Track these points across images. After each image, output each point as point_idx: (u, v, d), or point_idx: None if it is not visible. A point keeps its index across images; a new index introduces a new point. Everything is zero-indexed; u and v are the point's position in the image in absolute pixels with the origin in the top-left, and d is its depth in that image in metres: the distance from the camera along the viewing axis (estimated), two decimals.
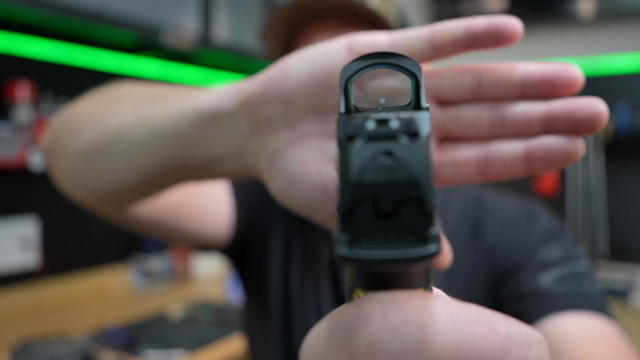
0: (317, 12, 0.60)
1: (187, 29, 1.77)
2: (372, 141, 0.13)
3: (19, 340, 1.41)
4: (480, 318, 0.14)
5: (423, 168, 0.13)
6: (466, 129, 0.26)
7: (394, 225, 0.13)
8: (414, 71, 0.16)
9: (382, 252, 0.13)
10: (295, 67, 0.27)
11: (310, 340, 0.15)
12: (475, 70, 0.25)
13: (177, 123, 0.34)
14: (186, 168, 0.35)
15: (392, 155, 0.13)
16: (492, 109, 0.25)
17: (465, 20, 0.25)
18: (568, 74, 0.24)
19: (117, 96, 0.43)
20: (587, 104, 0.23)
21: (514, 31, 0.24)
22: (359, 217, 0.13)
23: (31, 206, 1.68)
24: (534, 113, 0.25)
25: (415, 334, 0.13)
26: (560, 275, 0.54)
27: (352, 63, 0.16)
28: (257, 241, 0.69)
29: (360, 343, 0.13)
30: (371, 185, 0.13)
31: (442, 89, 0.26)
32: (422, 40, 0.25)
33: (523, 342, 0.14)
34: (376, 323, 0.13)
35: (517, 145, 0.25)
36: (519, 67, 0.25)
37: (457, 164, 0.26)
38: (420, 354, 0.13)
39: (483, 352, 0.13)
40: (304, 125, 0.28)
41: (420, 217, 0.13)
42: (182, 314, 1.62)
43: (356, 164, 0.13)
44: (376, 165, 0.13)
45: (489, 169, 0.25)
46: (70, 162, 0.43)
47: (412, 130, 0.13)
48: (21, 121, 1.55)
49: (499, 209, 0.64)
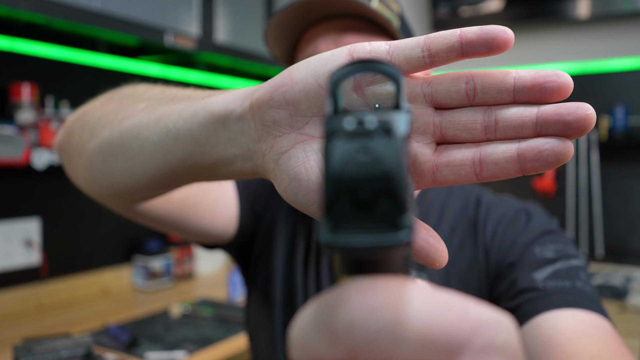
0: (320, 16, 0.62)
1: (189, 32, 1.79)
2: (352, 139, 0.15)
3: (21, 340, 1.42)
4: (453, 303, 0.15)
5: (396, 163, 0.15)
6: (461, 132, 0.27)
7: (370, 216, 0.15)
8: (395, 76, 0.17)
9: (359, 239, 0.14)
10: (300, 73, 0.29)
11: (297, 322, 0.16)
12: (469, 76, 0.27)
13: (190, 124, 0.35)
14: (197, 167, 0.36)
15: (369, 152, 0.15)
16: (486, 113, 0.27)
17: (459, 29, 0.26)
18: (558, 80, 0.25)
19: (132, 96, 0.45)
20: (576, 107, 0.25)
21: (506, 39, 0.25)
22: (339, 208, 0.15)
23: (34, 206, 1.70)
24: (525, 116, 0.26)
25: (390, 315, 0.14)
26: (555, 272, 0.55)
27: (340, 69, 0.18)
28: (261, 236, 0.71)
29: (341, 323, 0.14)
30: (350, 179, 0.15)
31: (439, 94, 0.27)
32: (419, 48, 0.27)
33: (492, 325, 0.15)
34: (355, 305, 0.14)
35: (509, 147, 0.26)
36: (512, 73, 0.26)
37: (453, 166, 0.27)
38: (394, 333, 0.14)
39: (454, 334, 0.14)
40: (308, 128, 0.30)
41: (394, 208, 0.15)
42: (184, 313, 1.64)
43: (337, 159, 0.15)
44: (355, 160, 0.15)
45: (483, 170, 0.27)
46: (86, 159, 0.45)
47: (388, 128, 0.15)
48: (24, 122, 1.57)
49: (496, 208, 0.65)
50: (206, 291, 1.94)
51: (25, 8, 1.32)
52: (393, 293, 0.15)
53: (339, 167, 0.15)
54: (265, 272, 0.70)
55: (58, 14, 1.39)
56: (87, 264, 1.85)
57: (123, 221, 1.98)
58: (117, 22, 1.54)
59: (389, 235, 0.14)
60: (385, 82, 0.28)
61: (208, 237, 0.65)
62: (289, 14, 0.61)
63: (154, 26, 1.65)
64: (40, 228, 1.71)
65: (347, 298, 0.15)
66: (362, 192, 0.15)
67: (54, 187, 1.75)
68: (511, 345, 0.15)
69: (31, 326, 1.54)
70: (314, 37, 0.62)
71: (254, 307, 0.72)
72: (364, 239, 0.14)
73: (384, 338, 0.14)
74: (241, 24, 2.02)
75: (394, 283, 0.15)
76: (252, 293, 0.73)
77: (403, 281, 0.15)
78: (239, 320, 1.57)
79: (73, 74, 1.81)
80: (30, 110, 1.58)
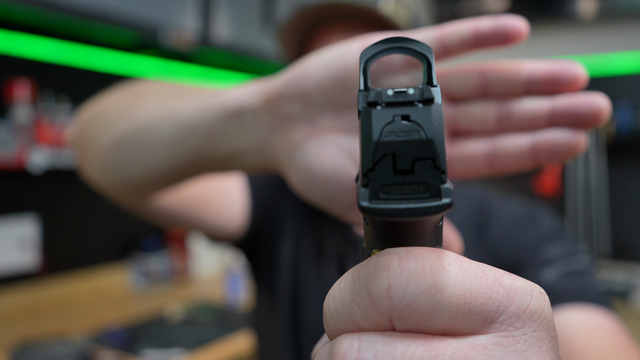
0: (331, 16, 0.63)
1: (187, 28, 1.77)
2: (391, 107, 0.15)
3: (18, 341, 1.41)
4: (487, 271, 0.15)
5: (436, 130, 0.15)
6: (475, 125, 0.28)
7: (410, 181, 0.15)
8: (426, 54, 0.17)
9: (400, 204, 0.14)
10: (314, 67, 0.29)
11: (333, 292, 0.16)
12: (482, 69, 0.27)
13: (204, 119, 0.36)
14: (211, 160, 0.37)
15: (409, 119, 0.15)
16: (499, 105, 0.27)
17: (473, 21, 0.26)
18: (571, 72, 0.25)
19: (144, 91, 0.46)
20: (589, 99, 0.25)
21: (520, 31, 0.25)
22: (379, 173, 0.15)
23: (30, 206, 1.68)
24: (538, 109, 0.26)
25: (428, 280, 0.14)
26: (562, 271, 0.56)
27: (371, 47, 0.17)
28: (269, 232, 0.72)
29: (379, 288, 0.15)
30: (390, 144, 0.15)
31: (452, 86, 0.28)
32: (432, 40, 0.27)
33: (524, 292, 0.15)
34: (394, 270, 0.15)
35: (523, 140, 0.26)
36: (524, 66, 0.26)
37: (467, 158, 0.28)
38: (432, 297, 0.14)
39: (490, 299, 0.15)
40: (321, 121, 0.30)
41: (434, 174, 0.15)
42: (181, 314, 1.62)
43: (377, 126, 0.15)
44: (394, 127, 0.15)
45: (496, 162, 0.27)
46: (100, 154, 0.46)
47: (427, 97, 0.15)
48: (20, 121, 1.55)
49: (503, 211, 0.66)
50: (203, 290, 1.92)
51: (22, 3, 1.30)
52: (430, 260, 0.15)
53: (379, 133, 0.15)
54: (272, 268, 0.71)
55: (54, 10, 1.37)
56: (84, 264, 1.84)
57: (119, 220, 1.96)
58: (114, 18, 1.52)
59: (431, 201, 0.15)
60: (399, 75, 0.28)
61: (217, 233, 0.66)
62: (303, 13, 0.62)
63: (151, 22, 1.63)
64: (37, 228, 1.69)
65: (385, 264, 0.15)
66: (402, 158, 0.15)
67: (51, 186, 1.73)
68: (543, 312, 0.15)
69: (27, 327, 1.53)
70: (324, 35, 0.64)
71: (260, 303, 0.73)
72: (405, 205, 0.14)
73: (422, 303, 0.14)
74: (240, 20, 2.00)
75: (430, 252, 0.15)
76: (259, 289, 0.73)
77: (438, 250, 0.15)
78: (236, 321, 1.56)
79: (70, 70, 1.79)
80: (27, 108, 1.56)
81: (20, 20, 1.49)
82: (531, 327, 0.15)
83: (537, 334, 0.15)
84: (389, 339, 0.15)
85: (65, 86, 1.77)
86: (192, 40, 1.76)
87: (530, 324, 0.15)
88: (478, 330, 0.15)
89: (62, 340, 1.33)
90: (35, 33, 1.62)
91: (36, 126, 1.58)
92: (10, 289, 1.62)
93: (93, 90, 1.85)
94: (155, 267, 1.92)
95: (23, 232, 1.65)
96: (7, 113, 1.59)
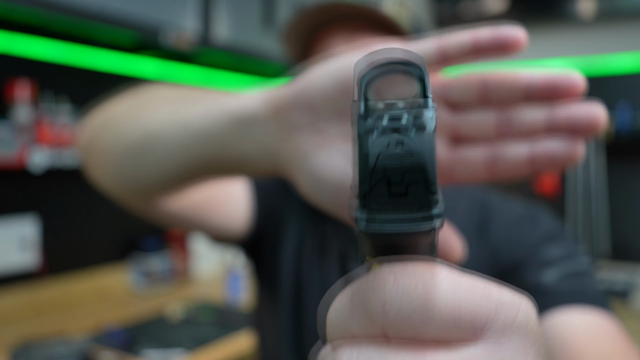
0: (334, 17, 0.64)
1: (187, 28, 1.77)
2: (386, 134, 0.16)
3: (18, 341, 1.41)
4: (477, 285, 0.16)
5: (429, 156, 0.16)
6: (475, 131, 0.28)
7: (404, 204, 0.16)
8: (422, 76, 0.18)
9: (394, 226, 0.16)
10: (320, 78, 0.31)
11: (335, 306, 0.17)
12: (482, 79, 0.28)
13: (216, 127, 0.37)
14: (221, 166, 0.38)
15: (403, 145, 0.16)
16: (499, 113, 0.28)
17: (472, 31, 0.27)
18: (569, 81, 0.26)
19: (153, 98, 0.47)
20: (587, 109, 0.26)
21: (519, 41, 0.26)
22: (375, 197, 0.16)
23: (30, 206, 1.68)
24: (537, 117, 0.27)
25: (421, 296, 0.16)
26: (562, 272, 0.56)
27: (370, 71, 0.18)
28: (272, 232, 0.72)
29: (376, 305, 0.16)
30: (385, 170, 0.16)
31: (453, 95, 0.29)
32: (433, 50, 0.28)
33: (512, 305, 0.16)
34: (389, 288, 0.16)
35: (521, 148, 0.27)
36: (523, 75, 0.27)
37: (467, 164, 0.28)
38: (425, 313, 0.15)
39: (478, 314, 0.16)
40: (329, 129, 0.31)
41: (426, 197, 0.16)
42: (182, 314, 1.62)
43: (373, 153, 0.16)
44: (390, 153, 0.16)
45: (496, 168, 0.28)
46: (112, 161, 0.46)
47: (420, 124, 0.16)
48: (21, 121, 1.55)
49: (503, 211, 0.66)
50: (204, 289, 1.92)
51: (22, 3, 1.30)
52: (423, 276, 0.16)
53: (375, 160, 0.16)
54: (274, 268, 0.72)
55: (55, 11, 1.37)
56: (84, 264, 1.84)
57: (120, 220, 1.97)
58: (115, 19, 1.52)
59: (422, 223, 0.16)
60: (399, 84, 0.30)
61: (221, 233, 0.67)
62: (308, 14, 0.63)
63: (152, 23, 1.63)
64: (37, 228, 1.69)
65: (381, 282, 0.16)
66: (397, 183, 0.16)
67: (51, 187, 1.73)
68: (530, 324, 0.16)
69: (28, 327, 1.53)
70: (327, 37, 0.65)
71: (262, 303, 0.73)
72: (400, 226, 0.16)
73: (415, 318, 0.15)
74: (240, 21, 2.00)
75: (423, 267, 0.16)
76: (261, 289, 0.74)
77: (431, 265, 0.16)
78: (236, 321, 1.56)
79: (71, 71, 1.79)
80: (27, 109, 1.56)
81: (21, 21, 1.49)
82: (518, 338, 0.16)
83: (523, 344, 0.16)
84: (384, 350, 0.16)
85: (66, 86, 1.77)
86: (193, 41, 1.76)
87: (517, 335, 0.16)
88: (468, 341, 0.16)
89: (62, 340, 1.33)
90: (35, 33, 1.62)
91: (37, 126, 1.58)
92: (10, 289, 1.62)
93: (93, 91, 1.85)
94: (155, 267, 1.92)
95: (23, 232, 1.65)
96: (8, 113, 1.59)
